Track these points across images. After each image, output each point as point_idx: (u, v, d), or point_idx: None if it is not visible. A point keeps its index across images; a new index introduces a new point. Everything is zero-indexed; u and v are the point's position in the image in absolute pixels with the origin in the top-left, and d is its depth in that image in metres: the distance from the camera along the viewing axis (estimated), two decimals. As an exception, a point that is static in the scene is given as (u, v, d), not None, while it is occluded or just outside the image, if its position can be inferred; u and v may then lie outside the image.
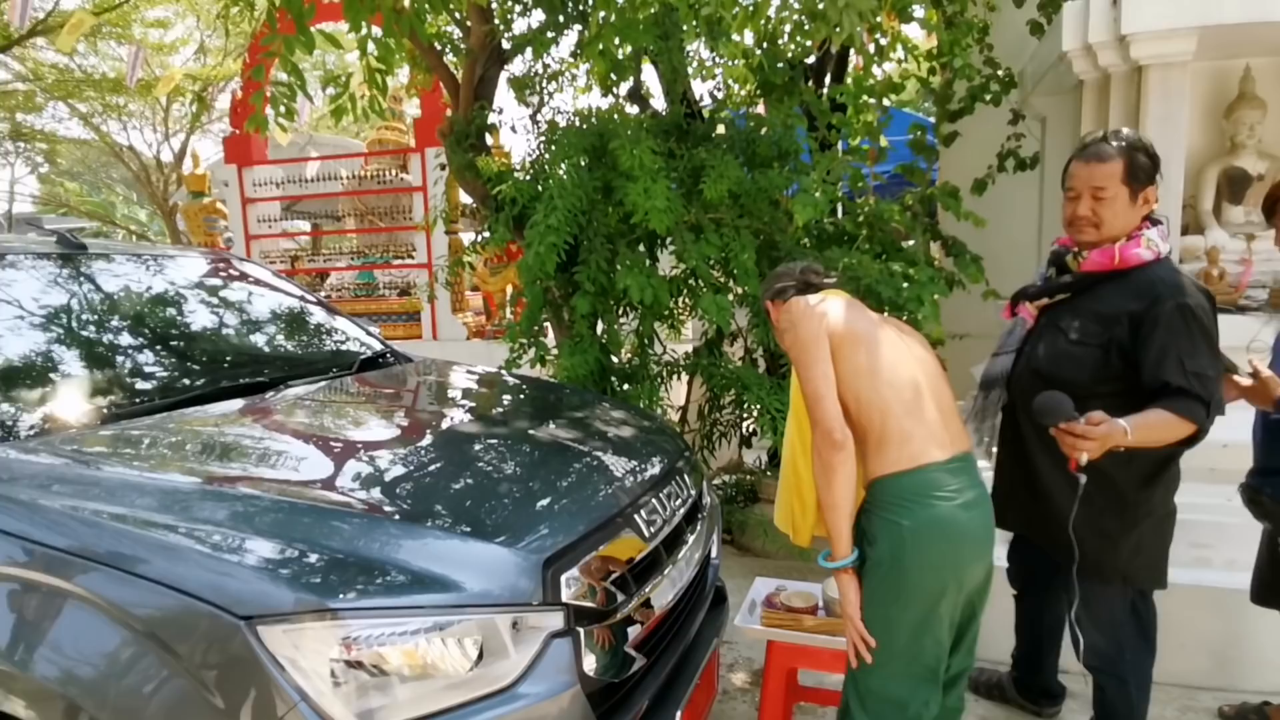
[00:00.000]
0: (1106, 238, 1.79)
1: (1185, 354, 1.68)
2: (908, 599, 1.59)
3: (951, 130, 4.18)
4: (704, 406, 4.34)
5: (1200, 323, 1.69)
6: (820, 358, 1.62)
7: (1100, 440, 1.58)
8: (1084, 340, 1.80)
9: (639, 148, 3.13)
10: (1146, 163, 1.75)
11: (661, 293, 3.35)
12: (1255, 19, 2.62)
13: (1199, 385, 1.66)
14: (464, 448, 1.85)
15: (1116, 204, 1.75)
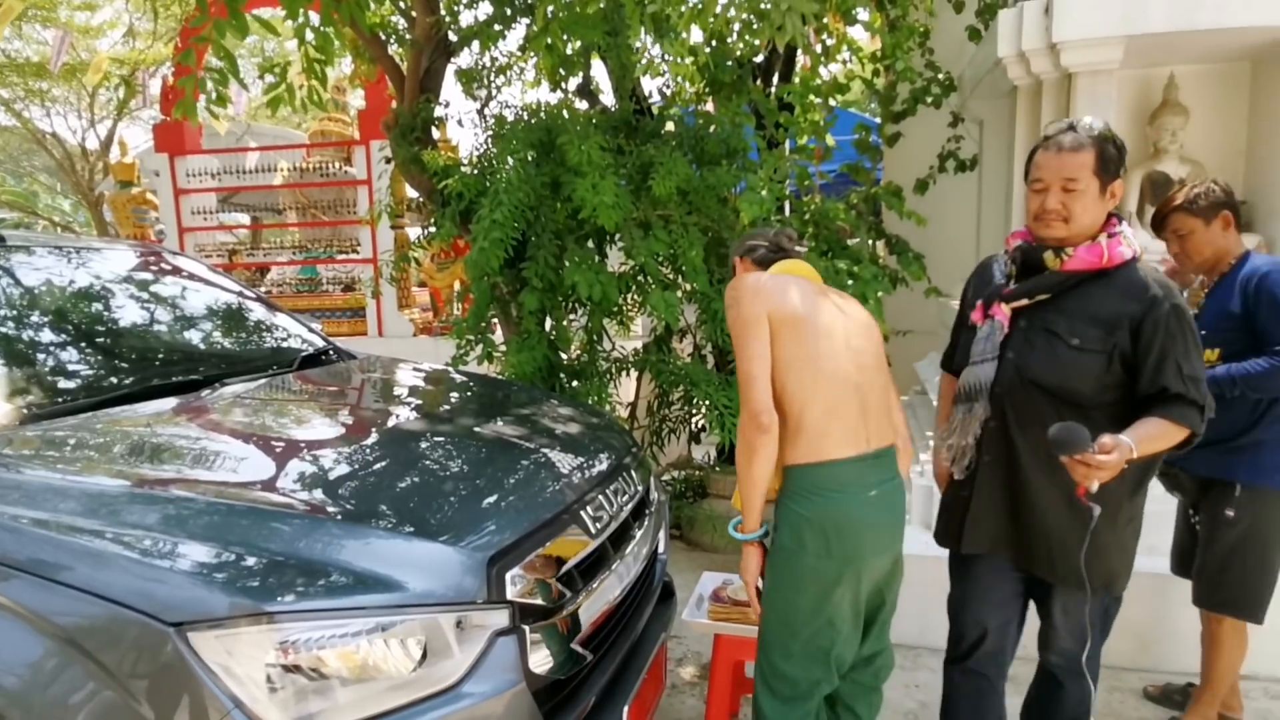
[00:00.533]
0: (1075, 233, 1.66)
1: (1181, 357, 1.61)
2: (804, 585, 1.64)
3: (895, 131, 4.28)
4: (653, 403, 4.36)
5: (1190, 325, 1.63)
6: (756, 337, 1.63)
7: (1115, 467, 1.51)
8: (1086, 346, 1.65)
9: (587, 143, 3.12)
10: (1115, 155, 1.65)
11: (610, 289, 3.34)
12: (1179, 28, 2.74)
13: (1194, 390, 1.60)
14: (408, 446, 1.82)
15: (1087, 197, 1.63)
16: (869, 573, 1.67)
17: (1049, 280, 1.70)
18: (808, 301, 1.70)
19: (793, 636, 1.68)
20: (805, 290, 1.73)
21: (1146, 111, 3.14)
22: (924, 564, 2.35)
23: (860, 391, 1.67)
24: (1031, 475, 1.72)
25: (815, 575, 1.63)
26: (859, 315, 1.79)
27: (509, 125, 3.70)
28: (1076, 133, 1.64)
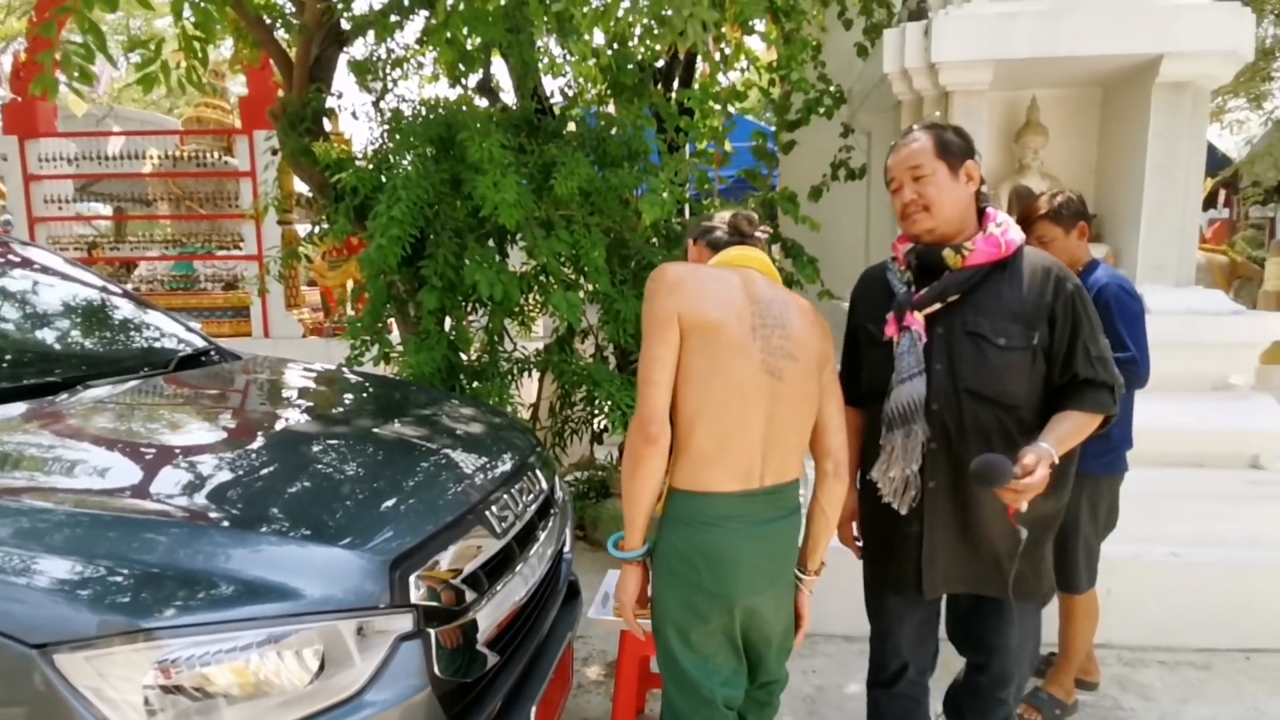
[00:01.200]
0: (943, 220, 1.60)
1: (1089, 339, 1.57)
2: (669, 610, 1.54)
3: (790, 139, 4.44)
4: (555, 404, 4.34)
5: (1087, 301, 1.60)
6: (661, 339, 1.47)
7: (1040, 484, 1.46)
8: (1012, 344, 1.57)
9: (488, 140, 3.07)
10: (955, 138, 1.62)
11: (512, 289, 3.30)
12: (1040, 55, 2.99)
13: (1103, 371, 1.57)
14: (302, 448, 1.73)
15: (938, 180, 1.59)
16: (740, 611, 1.53)
17: (957, 279, 1.61)
18: (731, 307, 1.49)
19: (666, 659, 1.58)
20: (735, 293, 1.52)
21: (1013, 130, 3.40)
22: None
23: (768, 422, 1.50)
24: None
25: (680, 604, 1.52)
26: (800, 330, 1.55)
27: (407, 120, 3.59)
28: (911, 130, 1.67)
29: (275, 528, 1.34)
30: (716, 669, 1.56)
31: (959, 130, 1.65)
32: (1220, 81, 3.18)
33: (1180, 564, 2.80)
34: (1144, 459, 2.44)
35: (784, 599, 1.62)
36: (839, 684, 2.64)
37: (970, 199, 1.63)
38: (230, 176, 6.80)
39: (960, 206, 1.61)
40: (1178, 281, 3.13)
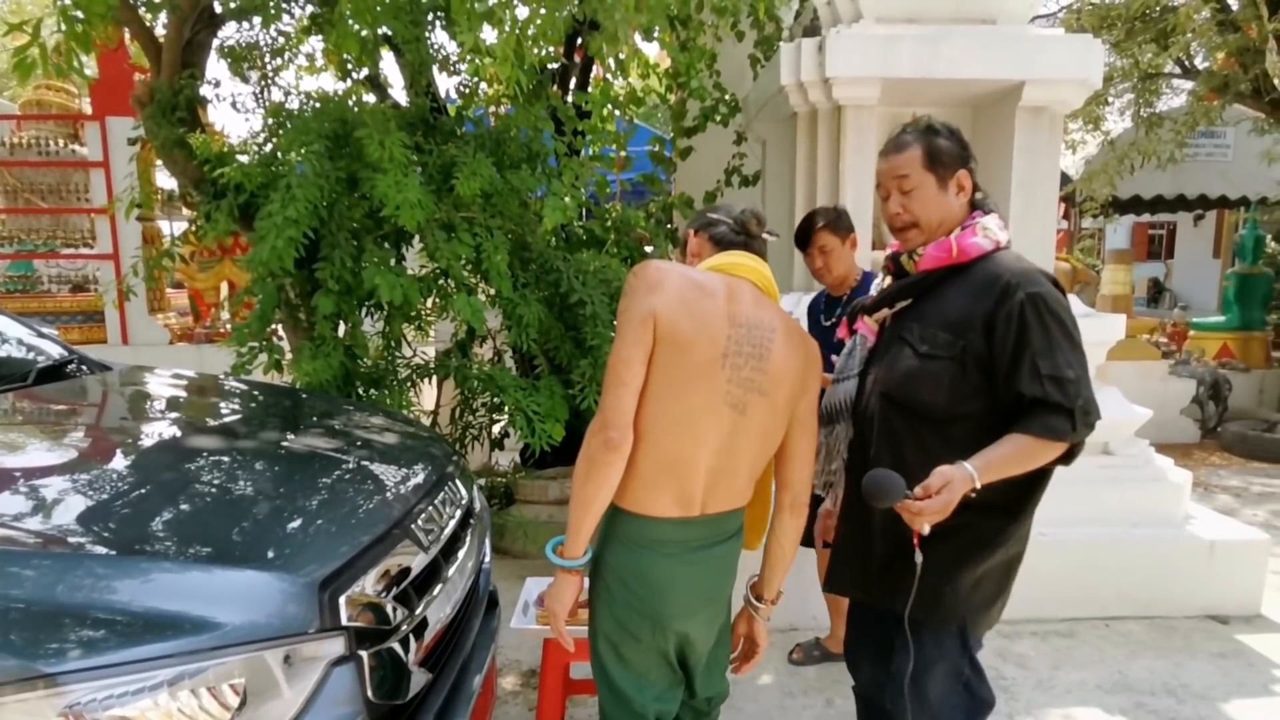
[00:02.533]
0: (930, 234, 1.54)
1: (1040, 354, 1.40)
2: (603, 624, 1.53)
3: (687, 145, 4.54)
4: (456, 410, 4.23)
5: (1055, 315, 1.42)
6: (635, 340, 1.38)
7: (943, 508, 1.35)
8: (934, 353, 1.48)
9: (389, 139, 2.96)
10: (949, 145, 1.51)
11: (412, 293, 3.20)
12: (921, 75, 3.20)
13: (1057, 391, 1.39)
14: (208, 467, 1.61)
15: (924, 193, 1.50)
16: (680, 635, 1.51)
17: (905, 284, 1.57)
18: (706, 326, 1.40)
19: (609, 678, 1.55)
20: (717, 309, 1.42)
21: (897, 143, 3.62)
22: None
23: (718, 455, 1.44)
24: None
25: (619, 625, 1.50)
26: (780, 361, 1.45)
27: (296, 114, 3.40)
28: (903, 134, 1.55)
29: (190, 555, 1.24)
30: (650, 684, 1.54)
31: (954, 134, 1.54)
32: (1073, 106, 3.53)
33: (1046, 542, 3.08)
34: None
35: (717, 617, 1.59)
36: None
37: (962, 209, 1.54)
38: (78, 166, 6.19)
39: (948, 217, 1.53)
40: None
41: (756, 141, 4.42)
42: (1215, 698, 2.61)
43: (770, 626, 1.69)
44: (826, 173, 3.44)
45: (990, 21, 3.37)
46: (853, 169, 3.36)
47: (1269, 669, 2.78)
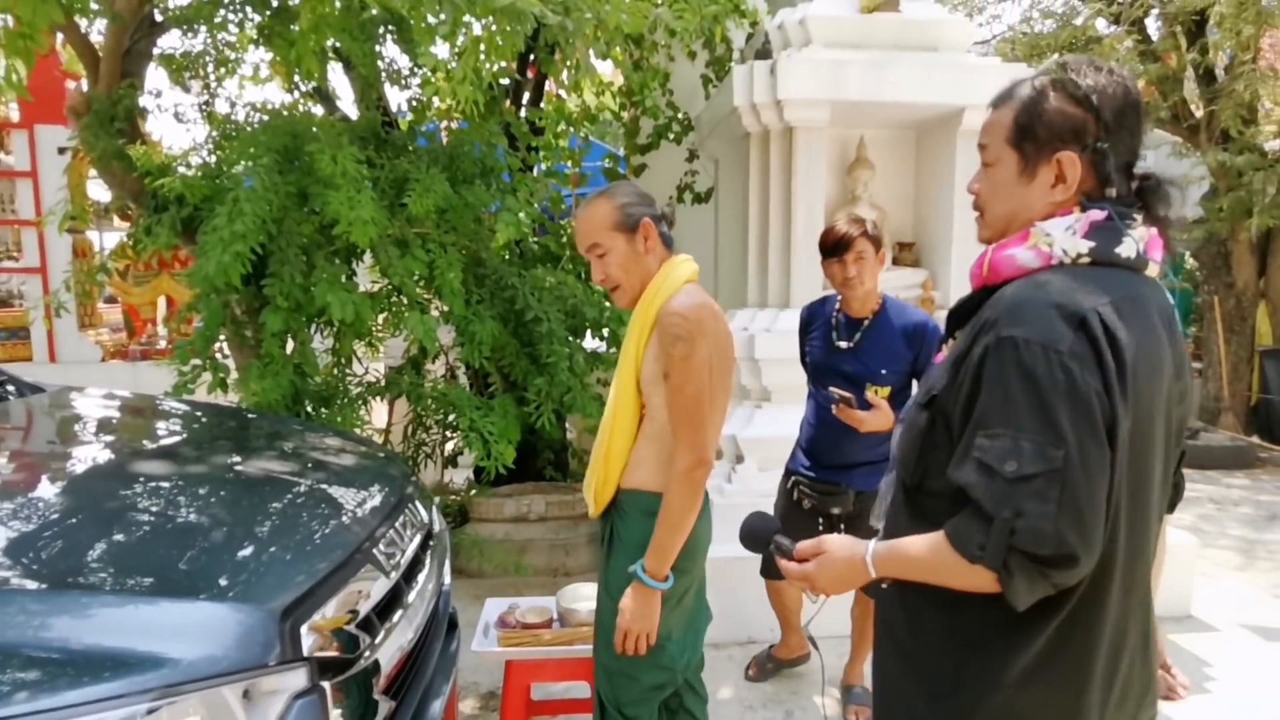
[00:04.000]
0: (991, 227, 1.14)
1: (982, 424, 0.97)
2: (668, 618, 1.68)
3: (640, 163, 4.58)
4: (409, 428, 4.16)
5: (1028, 375, 0.94)
6: (706, 384, 1.58)
7: (804, 579, 1.16)
8: (921, 398, 1.12)
9: (341, 154, 2.91)
10: (1057, 116, 1.04)
11: (364, 310, 3.15)
12: (868, 99, 3.31)
13: (982, 484, 0.95)
14: (158, 494, 1.55)
15: (1000, 173, 1.10)
16: (700, 580, 1.81)
17: (954, 308, 1.15)
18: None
19: (654, 657, 1.67)
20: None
21: (846, 164, 3.73)
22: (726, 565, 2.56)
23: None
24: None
25: (675, 592, 1.67)
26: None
27: (240, 125, 3.32)
28: (1015, 87, 1.10)
29: (136, 587, 1.19)
30: (685, 638, 1.76)
31: (1076, 94, 1.04)
32: (1010, 131, 3.68)
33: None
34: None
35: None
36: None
37: (1049, 205, 1.07)
38: (3, 176, 5.91)
39: (1021, 212, 1.09)
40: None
41: (709, 160, 4.49)
42: (1151, 697, 2.71)
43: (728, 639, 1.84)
44: (779, 192, 3.51)
45: (932, 49, 3.50)
46: (804, 188, 3.44)
47: (1200, 668, 2.92)
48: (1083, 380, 0.92)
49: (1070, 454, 0.91)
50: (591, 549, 3.85)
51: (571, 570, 3.81)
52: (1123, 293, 0.99)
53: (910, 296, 3.55)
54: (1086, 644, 1.00)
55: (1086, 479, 0.91)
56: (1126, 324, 0.96)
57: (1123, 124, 1.04)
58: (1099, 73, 1.05)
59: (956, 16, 3.74)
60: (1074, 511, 0.90)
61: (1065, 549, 0.90)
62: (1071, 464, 0.91)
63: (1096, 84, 1.04)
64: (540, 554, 3.78)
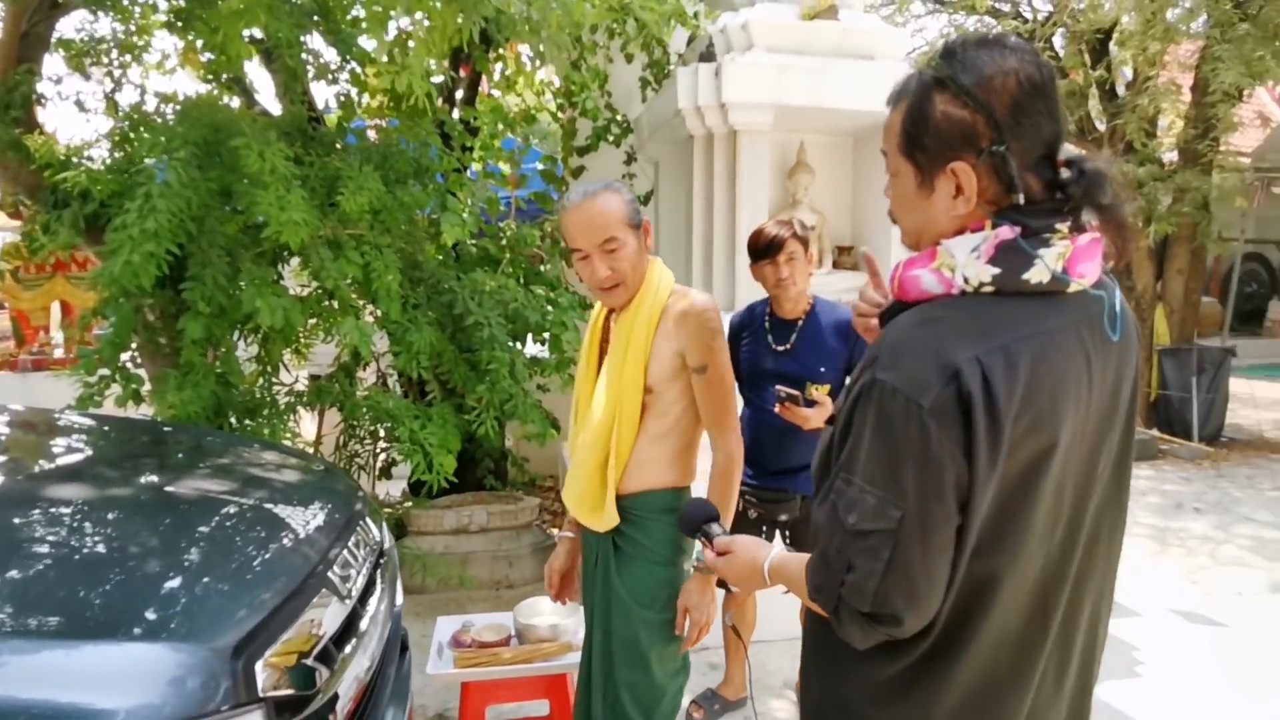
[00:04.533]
0: (909, 236, 1.05)
1: (845, 469, 0.93)
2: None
3: (579, 164, 4.52)
4: (340, 439, 3.96)
5: (887, 424, 0.88)
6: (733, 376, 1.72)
7: (722, 574, 1.22)
8: (830, 421, 1.05)
9: (270, 150, 2.73)
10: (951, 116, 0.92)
11: (294, 315, 2.97)
12: (811, 104, 3.34)
13: (827, 526, 0.94)
14: (79, 522, 1.39)
15: (901, 184, 1.01)
16: None
17: (881, 315, 1.07)
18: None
19: (683, 659, 1.72)
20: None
21: (787, 168, 3.76)
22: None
23: None
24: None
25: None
26: None
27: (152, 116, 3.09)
28: (906, 81, 1.00)
29: (61, 629, 1.06)
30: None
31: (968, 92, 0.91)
32: (943, 138, 3.79)
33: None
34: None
35: None
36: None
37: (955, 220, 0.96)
38: None
39: (932, 229, 0.99)
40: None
41: (649, 162, 4.46)
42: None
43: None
44: (723, 195, 3.51)
45: (869, 58, 3.57)
46: (748, 192, 3.45)
47: (1130, 652, 3.06)
48: (937, 442, 0.85)
49: (909, 517, 0.87)
50: (536, 559, 3.75)
51: (515, 582, 3.70)
52: (1024, 330, 0.89)
53: (853, 300, 3.60)
54: (942, 687, 0.94)
55: (922, 543, 0.87)
56: (1017, 369, 0.87)
57: (1023, 119, 0.91)
58: (990, 60, 0.91)
59: (892, 27, 3.83)
60: (903, 574, 0.87)
61: (887, 609, 0.88)
62: (908, 526, 0.87)
63: (984, 77, 0.90)
64: (483, 566, 3.65)
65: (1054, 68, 1.02)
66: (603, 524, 1.64)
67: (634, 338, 1.60)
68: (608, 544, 1.67)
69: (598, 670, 1.68)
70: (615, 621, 1.64)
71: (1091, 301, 0.95)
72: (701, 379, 1.62)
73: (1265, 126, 8.47)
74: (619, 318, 1.65)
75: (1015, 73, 0.90)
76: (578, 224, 1.56)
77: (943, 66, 0.93)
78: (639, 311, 1.61)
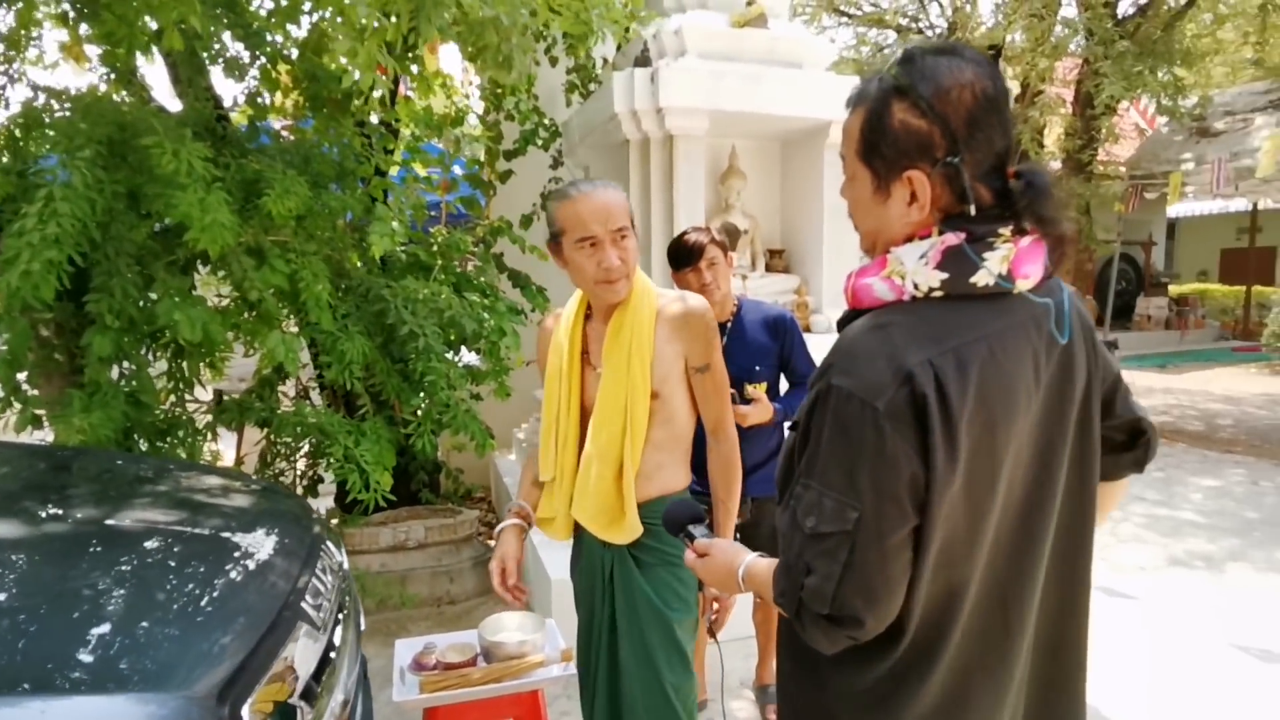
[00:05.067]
0: (865, 239, 1.06)
1: (803, 474, 0.95)
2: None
3: (506, 169, 4.43)
4: (263, 458, 3.73)
5: (842, 428, 0.90)
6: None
7: (699, 576, 1.21)
8: (792, 425, 1.02)
9: (185, 149, 2.54)
10: (908, 124, 0.94)
11: (215, 329, 2.77)
12: (744, 110, 3.40)
13: (786, 532, 0.95)
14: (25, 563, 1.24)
15: (856, 188, 1.02)
16: None
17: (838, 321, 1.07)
18: None
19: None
20: None
21: (719, 173, 3.81)
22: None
23: None
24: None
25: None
26: None
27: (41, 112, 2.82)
28: (865, 84, 1.00)
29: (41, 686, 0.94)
30: None
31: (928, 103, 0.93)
32: (867, 145, 3.94)
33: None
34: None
35: None
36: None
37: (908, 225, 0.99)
38: None
39: (887, 234, 1.01)
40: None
41: (579, 167, 4.43)
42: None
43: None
44: (660, 200, 3.52)
45: (797, 65, 3.66)
46: (685, 196, 3.47)
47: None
48: (892, 442, 0.87)
49: (865, 517, 0.88)
50: (477, 573, 3.65)
51: (457, 597, 3.58)
52: (973, 333, 0.92)
53: (785, 302, 3.69)
54: (919, 693, 0.95)
55: (878, 543, 0.88)
56: (968, 371, 0.89)
57: (976, 131, 0.93)
58: (947, 71, 0.93)
59: (817, 37, 3.95)
60: (860, 575, 0.88)
61: (847, 611, 0.88)
62: (865, 527, 0.88)
63: (941, 88, 0.92)
64: (422, 583, 3.52)
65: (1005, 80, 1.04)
66: (625, 535, 1.58)
67: (637, 340, 1.56)
68: (621, 555, 1.61)
69: (623, 683, 1.63)
70: (649, 630, 1.59)
71: (1038, 304, 0.97)
72: (703, 379, 1.63)
73: (1140, 137, 9.25)
74: (614, 319, 1.59)
75: (971, 85, 0.92)
76: (593, 209, 1.51)
77: (902, 74, 0.94)
78: (639, 313, 1.57)
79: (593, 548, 1.66)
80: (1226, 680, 2.86)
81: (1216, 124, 7.60)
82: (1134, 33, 5.47)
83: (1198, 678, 2.87)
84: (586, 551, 1.69)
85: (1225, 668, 2.94)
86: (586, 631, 1.71)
